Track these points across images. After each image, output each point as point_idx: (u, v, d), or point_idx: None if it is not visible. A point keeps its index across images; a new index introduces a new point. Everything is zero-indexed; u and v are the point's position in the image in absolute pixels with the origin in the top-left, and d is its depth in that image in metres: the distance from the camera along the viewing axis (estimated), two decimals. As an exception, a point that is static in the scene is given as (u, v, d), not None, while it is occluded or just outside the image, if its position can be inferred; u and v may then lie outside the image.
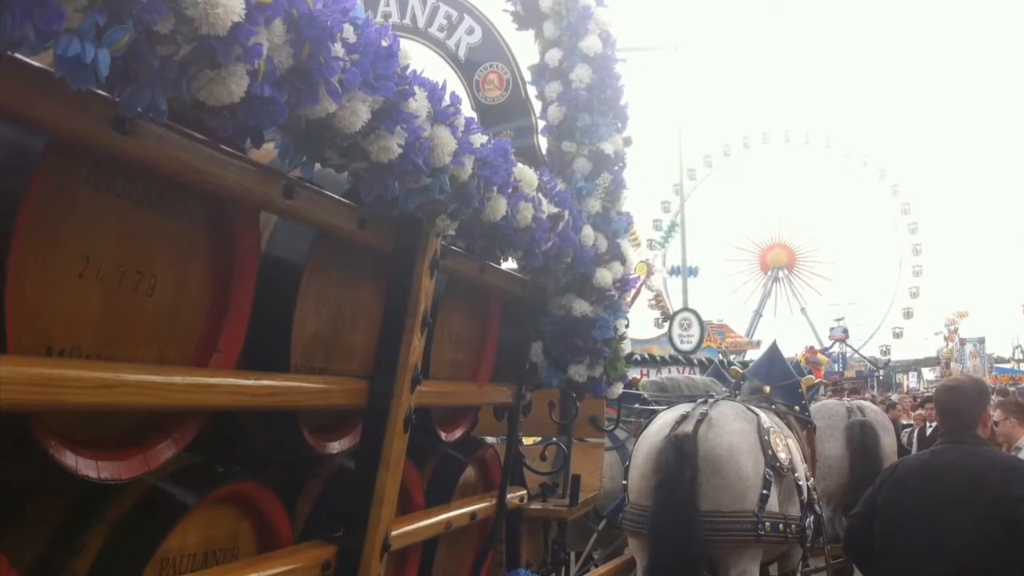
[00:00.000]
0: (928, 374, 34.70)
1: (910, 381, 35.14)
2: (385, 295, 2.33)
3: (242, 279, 1.87)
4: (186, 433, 1.78)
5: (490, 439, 3.63)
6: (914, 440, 9.07)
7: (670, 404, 4.95)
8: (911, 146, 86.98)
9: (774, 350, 6.26)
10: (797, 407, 5.54)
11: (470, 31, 3.46)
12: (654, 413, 4.73)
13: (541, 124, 3.56)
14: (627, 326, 3.67)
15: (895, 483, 3.20)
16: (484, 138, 2.25)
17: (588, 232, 3.20)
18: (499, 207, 2.35)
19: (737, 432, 4.06)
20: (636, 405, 5.68)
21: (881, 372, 34.12)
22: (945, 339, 33.40)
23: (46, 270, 1.47)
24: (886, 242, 40.58)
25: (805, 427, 5.50)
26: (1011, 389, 16.03)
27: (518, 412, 3.32)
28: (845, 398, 9.13)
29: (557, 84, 3.48)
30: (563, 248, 2.94)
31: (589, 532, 5.41)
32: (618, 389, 3.71)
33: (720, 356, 17.01)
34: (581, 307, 3.32)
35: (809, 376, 6.41)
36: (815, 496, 4.51)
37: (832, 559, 5.33)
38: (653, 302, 29.38)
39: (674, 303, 28.30)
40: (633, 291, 4.69)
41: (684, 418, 4.12)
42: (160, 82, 1.34)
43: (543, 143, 3.56)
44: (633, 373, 11.46)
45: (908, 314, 39.18)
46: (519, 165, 2.54)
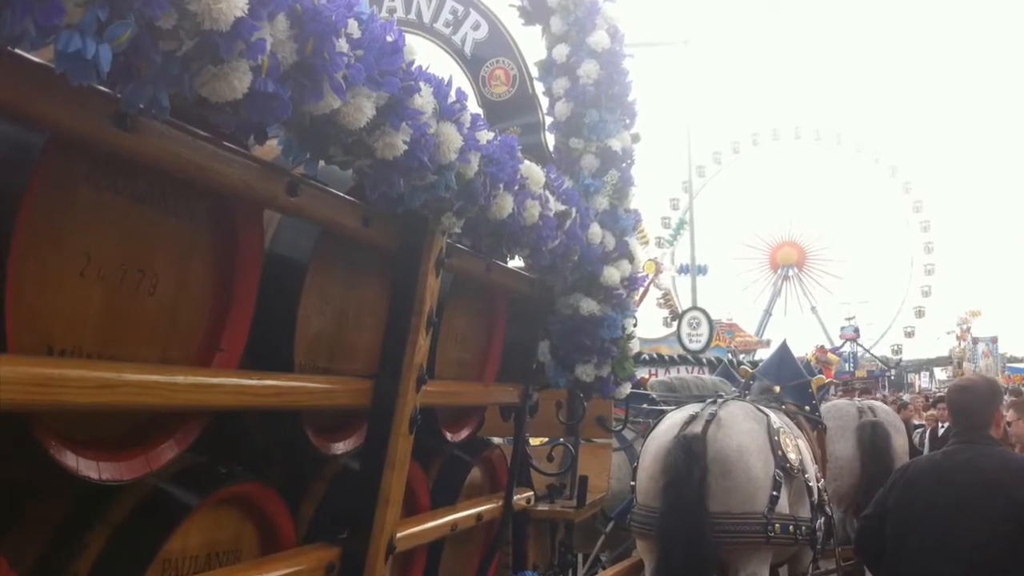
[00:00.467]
0: (940, 374, 34.45)
1: (922, 381, 34.89)
2: (390, 294, 2.31)
3: (245, 277, 1.85)
4: (188, 433, 1.77)
5: (496, 440, 3.61)
6: (926, 441, 9.00)
7: (679, 404, 4.92)
8: (923, 143, 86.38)
9: (784, 349, 6.24)
10: (807, 407, 5.51)
11: (476, 26, 3.44)
12: (662, 413, 4.70)
13: (548, 120, 3.54)
14: (635, 325, 3.65)
15: (906, 484, 3.18)
16: (490, 135, 2.24)
17: (596, 230, 3.18)
18: (505, 205, 2.34)
19: (747, 433, 4.03)
20: (644, 405, 5.65)
21: (892, 372, 33.90)
22: (957, 338, 33.16)
23: (46, 269, 1.46)
24: (898, 240, 40.43)
25: (815, 427, 5.46)
26: (1024, 389, 15.89)
27: (525, 412, 3.30)
28: (856, 398, 9.06)
29: (564, 80, 3.46)
30: (570, 246, 2.92)
31: (597, 534, 5.38)
32: (626, 389, 3.69)
33: (729, 355, 17.01)
34: (589, 306, 3.30)
35: (820, 376, 6.37)
36: (826, 497, 4.47)
37: (843, 561, 5.29)
38: (662, 301, 29.35)
39: (683, 302, 28.20)
40: (641, 290, 4.68)
41: (693, 418, 4.09)
42: (162, 78, 1.33)
43: (550, 140, 3.55)
44: (641, 373, 11.49)
45: (920, 313, 38.96)
46: (526, 162, 2.52)
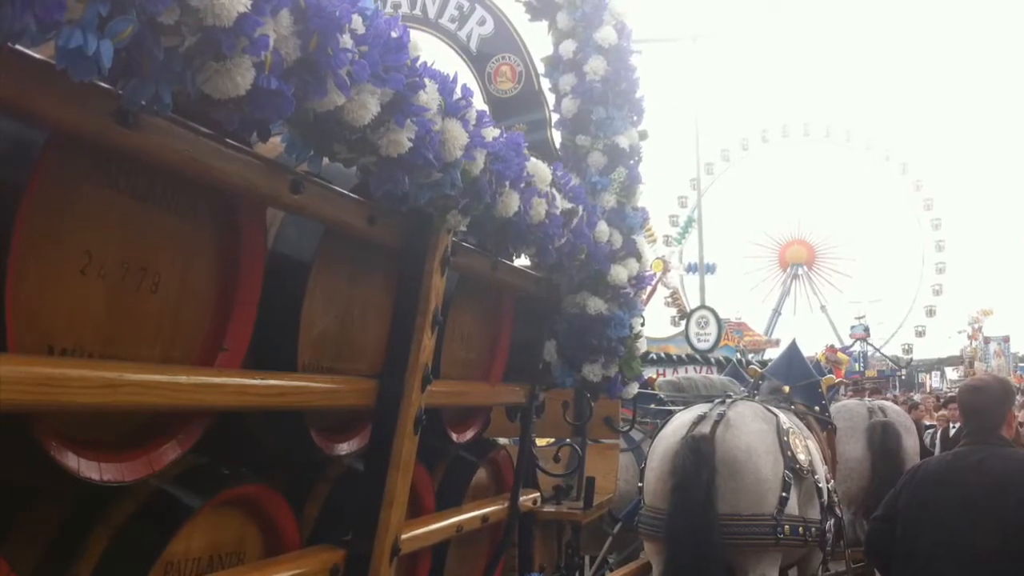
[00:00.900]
0: (951, 373, 34.28)
1: (933, 381, 34.74)
2: (395, 293, 2.30)
3: (248, 276, 1.84)
4: (191, 434, 1.76)
5: (502, 440, 3.60)
6: (937, 441, 8.95)
7: (687, 404, 4.90)
8: (934, 140, 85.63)
9: (793, 349, 6.21)
10: (817, 407, 5.48)
11: (482, 22, 3.41)
12: (670, 414, 4.69)
13: (555, 117, 3.51)
14: (643, 324, 3.62)
15: (917, 485, 3.15)
16: (496, 132, 2.23)
17: (603, 228, 3.15)
18: (512, 202, 2.32)
19: (755, 433, 4.00)
20: (652, 405, 5.64)
21: (903, 371, 33.73)
22: (969, 337, 32.93)
23: (47, 267, 1.45)
24: (908, 238, 40.17)
25: (825, 428, 5.44)
26: (1035, 389, 15.79)
27: (531, 413, 3.28)
28: (866, 398, 9.01)
29: (571, 76, 3.43)
30: (577, 244, 2.89)
31: (604, 536, 5.36)
32: (633, 389, 3.66)
33: (738, 355, 16.94)
34: (596, 305, 3.28)
35: (829, 376, 6.33)
36: (835, 499, 4.45)
37: (853, 563, 5.27)
38: (669, 300, 29.25)
39: (691, 301, 28.20)
40: (649, 288, 4.66)
41: (701, 419, 4.07)
42: (164, 74, 1.32)
43: (557, 137, 3.52)
44: (649, 372, 11.45)
45: (931, 312, 38.72)
46: (532, 159, 2.50)
